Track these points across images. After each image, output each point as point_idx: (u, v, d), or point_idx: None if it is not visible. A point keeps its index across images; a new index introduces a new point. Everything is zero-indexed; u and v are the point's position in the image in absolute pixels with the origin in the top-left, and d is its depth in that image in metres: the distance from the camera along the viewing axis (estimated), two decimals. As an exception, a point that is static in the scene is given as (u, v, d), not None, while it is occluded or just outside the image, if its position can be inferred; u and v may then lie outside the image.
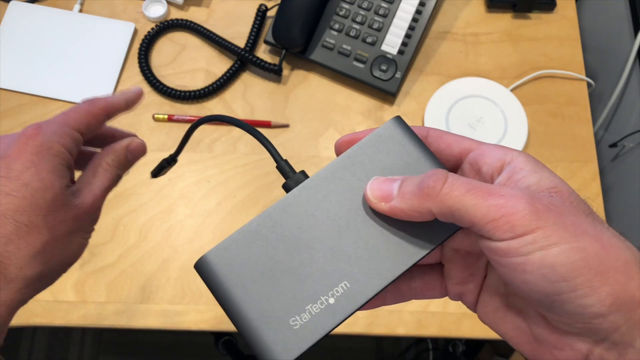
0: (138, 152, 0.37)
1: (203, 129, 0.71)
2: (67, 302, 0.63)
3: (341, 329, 0.63)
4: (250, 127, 0.30)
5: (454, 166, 0.29)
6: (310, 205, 0.27)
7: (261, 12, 0.75)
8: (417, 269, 0.30)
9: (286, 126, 0.72)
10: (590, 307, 0.23)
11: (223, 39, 0.74)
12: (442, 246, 0.30)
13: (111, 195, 0.72)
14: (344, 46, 0.72)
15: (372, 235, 0.26)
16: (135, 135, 0.38)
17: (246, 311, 0.25)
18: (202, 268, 0.26)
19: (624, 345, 0.23)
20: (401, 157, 0.28)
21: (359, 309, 0.26)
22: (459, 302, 0.30)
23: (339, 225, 0.26)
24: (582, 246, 0.23)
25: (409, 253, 0.26)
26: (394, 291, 0.30)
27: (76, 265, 0.35)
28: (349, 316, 0.26)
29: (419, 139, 0.28)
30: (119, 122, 0.37)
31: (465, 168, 0.28)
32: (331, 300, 0.25)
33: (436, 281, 0.30)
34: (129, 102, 0.37)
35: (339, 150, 0.29)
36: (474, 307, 0.29)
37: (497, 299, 0.28)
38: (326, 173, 0.27)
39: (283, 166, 0.29)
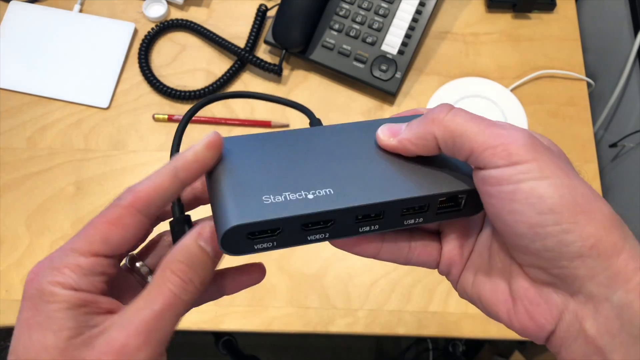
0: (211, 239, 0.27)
1: (203, 129, 0.71)
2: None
3: (341, 329, 0.63)
4: (281, 98, 0.34)
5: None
6: (327, 138, 0.29)
7: (261, 12, 0.75)
8: (419, 233, 0.31)
9: (286, 126, 0.72)
10: (571, 244, 0.23)
11: (223, 39, 0.74)
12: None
13: (111, 195, 0.72)
14: (344, 46, 0.72)
15: (370, 170, 0.28)
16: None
17: (226, 183, 0.26)
18: None
19: (600, 298, 0.23)
20: None
21: (331, 214, 0.26)
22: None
23: (344, 156, 0.28)
24: (573, 184, 0.23)
25: (396, 191, 0.27)
26: (392, 244, 0.30)
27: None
28: (319, 214, 0.25)
29: None
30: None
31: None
32: (310, 196, 0.26)
33: (434, 250, 0.31)
34: (188, 173, 0.26)
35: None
36: (456, 282, 0.30)
37: (480, 262, 0.28)
38: (353, 124, 0.30)
39: (316, 123, 0.33)
